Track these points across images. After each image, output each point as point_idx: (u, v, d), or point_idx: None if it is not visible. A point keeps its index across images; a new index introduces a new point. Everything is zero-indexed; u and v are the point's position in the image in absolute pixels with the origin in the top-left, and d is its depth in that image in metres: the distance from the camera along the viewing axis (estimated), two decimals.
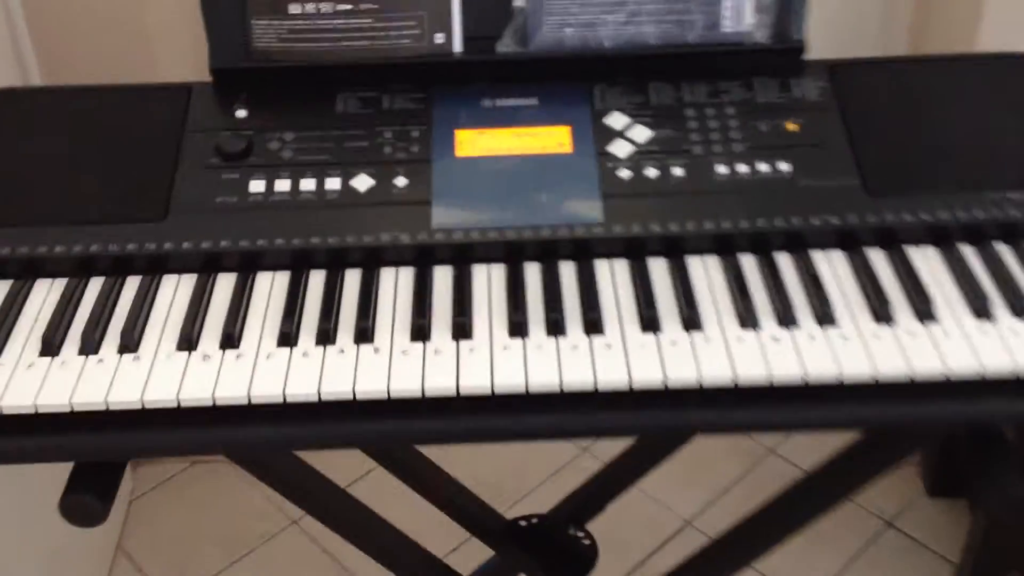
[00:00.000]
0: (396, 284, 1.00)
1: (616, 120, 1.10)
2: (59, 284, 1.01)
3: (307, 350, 0.93)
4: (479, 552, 1.53)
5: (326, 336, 0.94)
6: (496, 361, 0.91)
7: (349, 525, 1.24)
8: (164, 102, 1.12)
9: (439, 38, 1.13)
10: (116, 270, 1.02)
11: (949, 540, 1.92)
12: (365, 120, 1.10)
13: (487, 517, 1.45)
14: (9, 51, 1.61)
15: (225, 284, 1.00)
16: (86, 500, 0.93)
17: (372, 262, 1.02)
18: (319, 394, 0.89)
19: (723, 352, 0.91)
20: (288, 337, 0.94)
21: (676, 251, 1.02)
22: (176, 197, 1.04)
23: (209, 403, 0.89)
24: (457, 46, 1.14)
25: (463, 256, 1.02)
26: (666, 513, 2.00)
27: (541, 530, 1.45)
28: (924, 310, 0.94)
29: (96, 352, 0.94)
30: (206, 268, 1.01)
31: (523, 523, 1.45)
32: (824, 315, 0.94)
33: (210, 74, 1.14)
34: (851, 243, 1.02)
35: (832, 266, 1.00)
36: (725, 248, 1.02)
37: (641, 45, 1.14)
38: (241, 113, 1.11)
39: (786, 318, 0.94)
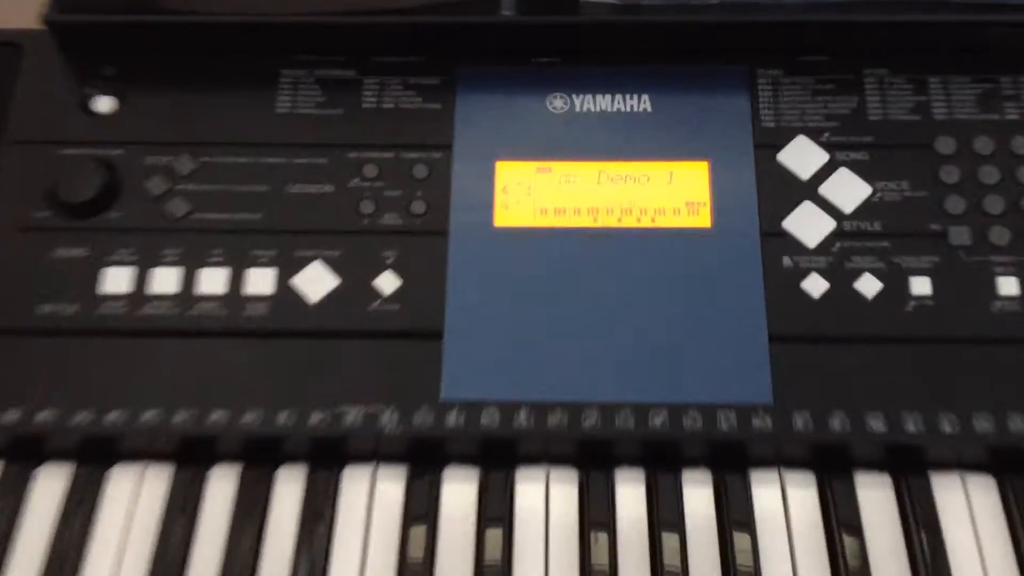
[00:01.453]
0: (369, 514, 0.52)
1: (800, 154, 0.58)
2: None
3: None
4: None
5: None
6: None
7: None
8: None
9: None
10: None
11: None
12: (329, 133, 0.59)
13: None
14: None
15: (47, 499, 0.53)
16: None
17: (327, 455, 0.54)
18: None
19: None
20: None
21: (914, 466, 0.52)
22: None
23: None
24: None
25: (499, 454, 0.53)
26: None
27: None
28: None
29: None
30: (16, 459, 0.54)
31: None
32: None
33: (47, 29, 0.61)
34: None
35: None
36: (1011, 469, 0.52)
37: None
38: (103, 106, 0.60)
39: None
